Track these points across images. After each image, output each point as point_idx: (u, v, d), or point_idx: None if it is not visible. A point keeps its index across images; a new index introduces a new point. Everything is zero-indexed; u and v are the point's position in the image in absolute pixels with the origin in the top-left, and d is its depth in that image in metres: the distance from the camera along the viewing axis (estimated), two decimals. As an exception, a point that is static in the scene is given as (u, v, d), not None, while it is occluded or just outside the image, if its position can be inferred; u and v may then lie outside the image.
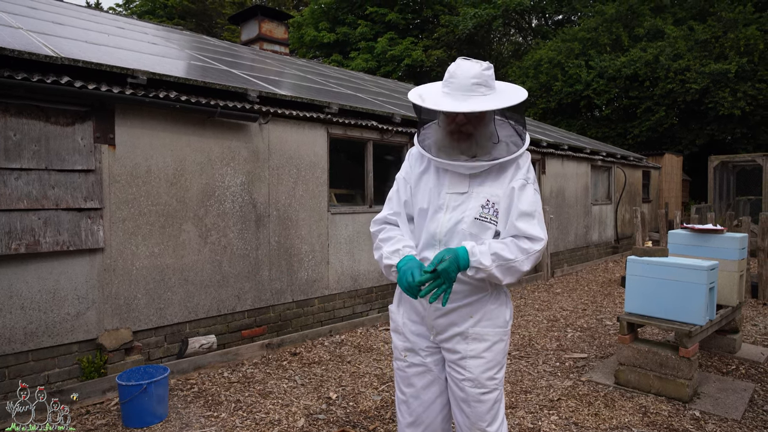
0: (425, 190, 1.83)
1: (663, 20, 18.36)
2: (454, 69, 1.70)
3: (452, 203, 1.77)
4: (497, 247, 1.67)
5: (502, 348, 1.81)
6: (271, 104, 4.68)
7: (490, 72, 1.70)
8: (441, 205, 1.78)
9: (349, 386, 3.66)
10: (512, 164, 1.76)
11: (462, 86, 1.66)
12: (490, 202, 1.74)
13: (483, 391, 1.77)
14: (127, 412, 3.02)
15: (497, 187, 1.75)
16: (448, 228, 1.75)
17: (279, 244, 4.68)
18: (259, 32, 11.43)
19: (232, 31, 24.69)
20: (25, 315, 3.25)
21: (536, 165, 8.58)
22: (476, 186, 1.76)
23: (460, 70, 1.67)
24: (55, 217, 3.33)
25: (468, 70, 1.67)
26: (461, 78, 1.66)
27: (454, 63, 1.72)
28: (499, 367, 1.81)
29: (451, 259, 1.60)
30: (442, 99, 1.69)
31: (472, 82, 1.65)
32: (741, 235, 4.25)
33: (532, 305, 6.31)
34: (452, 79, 1.68)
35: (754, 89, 15.50)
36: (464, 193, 1.76)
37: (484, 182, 1.76)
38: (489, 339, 1.77)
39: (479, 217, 1.73)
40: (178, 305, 3.99)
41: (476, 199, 1.75)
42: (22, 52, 3.23)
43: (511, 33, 28.36)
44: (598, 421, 3.11)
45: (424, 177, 1.85)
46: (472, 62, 1.69)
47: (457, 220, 1.74)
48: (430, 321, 1.81)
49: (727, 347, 4.34)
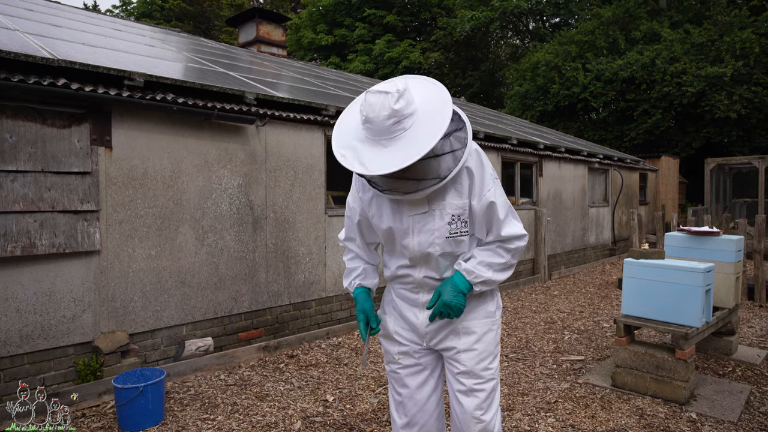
0: (383, 213, 1.78)
1: (659, 23, 18.44)
2: (366, 111, 1.53)
3: (417, 225, 1.73)
4: (486, 256, 1.74)
5: (492, 338, 1.85)
6: (268, 106, 4.68)
7: (402, 103, 1.50)
8: (406, 229, 1.74)
9: (346, 389, 3.66)
10: (463, 169, 1.68)
11: (380, 130, 1.52)
12: (455, 216, 1.70)
13: (479, 381, 1.81)
14: (123, 415, 3.00)
15: (456, 197, 1.69)
16: (422, 252, 1.75)
17: (276, 247, 4.68)
18: (256, 34, 11.43)
19: (230, 34, 24.71)
20: (20, 318, 3.23)
21: (533, 167, 8.60)
22: (436, 202, 1.70)
23: (372, 113, 1.51)
24: (51, 219, 3.32)
25: (379, 112, 1.50)
26: (376, 122, 1.51)
27: (364, 101, 1.54)
28: (492, 357, 1.85)
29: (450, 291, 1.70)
30: (365, 153, 1.55)
31: (389, 124, 1.51)
32: (737, 238, 4.26)
33: (529, 307, 6.31)
34: (369, 124, 1.53)
35: (749, 92, 15.57)
36: (426, 213, 1.71)
37: (444, 196, 1.69)
38: (477, 330, 1.82)
39: (450, 235, 1.72)
40: (174, 308, 3.97)
41: (440, 217, 1.70)
42: (18, 54, 3.22)
43: (508, 36, 28.46)
44: (595, 423, 3.12)
45: (376, 200, 1.80)
46: (381, 97, 1.50)
47: (429, 242, 1.72)
48: (422, 330, 1.85)
49: (723, 349, 4.35)
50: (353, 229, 1.93)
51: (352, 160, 1.55)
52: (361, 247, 1.97)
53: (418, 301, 1.84)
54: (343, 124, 1.68)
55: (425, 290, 1.82)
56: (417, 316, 1.84)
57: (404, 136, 1.52)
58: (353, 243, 1.98)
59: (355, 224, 1.91)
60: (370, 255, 1.99)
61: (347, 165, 1.55)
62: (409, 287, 1.85)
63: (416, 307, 1.84)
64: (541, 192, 8.65)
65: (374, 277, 1.99)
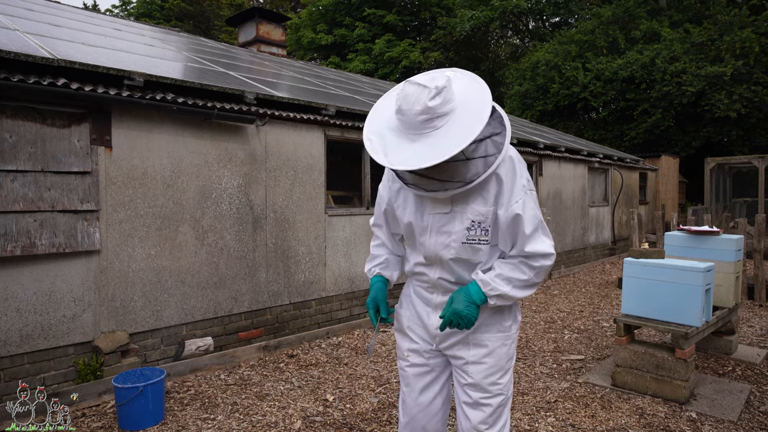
0: (407, 206, 1.77)
1: (659, 23, 18.44)
2: (400, 101, 1.49)
3: (436, 224, 1.69)
4: (507, 270, 1.65)
5: (505, 353, 1.78)
6: (268, 106, 4.68)
7: (438, 100, 1.45)
8: (425, 226, 1.72)
9: (346, 388, 3.66)
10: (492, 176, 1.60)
11: (411, 124, 1.47)
12: (475, 222, 1.64)
13: (486, 395, 1.76)
14: (123, 414, 3.01)
15: (481, 203, 1.62)
16: (436, 252, 1.71)
17: (276, 246, 4.68)
18: (256, 34, 11.43)
19: (230, 33, 24.70)
20: (20, 317, 3.23)
21: (533, 167, 8.59)
22: (459, 205, 1.65)
23: (406, 105, 1.46)
24: (51, 219, 3.32)
25: (413, 106, 1.45)
26: (408, 115, 1.46)
27: (402, 90, 1.50)
28: (503, 372, 1.78)
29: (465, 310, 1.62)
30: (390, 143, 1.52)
31: (420, 120, 1.45)
32: (737, 237, 4.27)
33: (529, 307, 6.31)
34: (400, 115, 1.49)
35: (749, 92, 15.58)
36: (447, 213, 1.67)
37: (467, 200, 1.63)
38: (489, 344, 1.76)
39: (466, 241, 1.66)
40: (174, 307, 3.98)
41: (460, 220, 1.65)
42: (18, 53, 3.22)
43: (508, 35, 28.44)
44: (595, 422, 3.12)
45: (402, 192, 1.80)
46: (418, 90, 1.46)
47: (445, 244, 1.68)
48: (432, 330, 1.82)
49: (723, 349, 4.35)
50: (381, 216, 1.92)
51: (377, 147, 1.52)
52: (387, 235, 1.95)
53: (432, 302, 1.80)
54: (379, 109, 1.63)
55: (440, 291, 1.78)
56: (429, 316, 1.82)
57: (433, 135, 1.46)
58: (381, 230, 1.96)
59: (382, 212, 1.90)
60: (395, 245, 1.97)
61: (370, 151, 1.53)
62: (425, 286, 1.83)
63: (430, 306, 1.81)
64: (541, 191, 8.65)
65: (395, 269, 1.95)
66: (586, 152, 9.91)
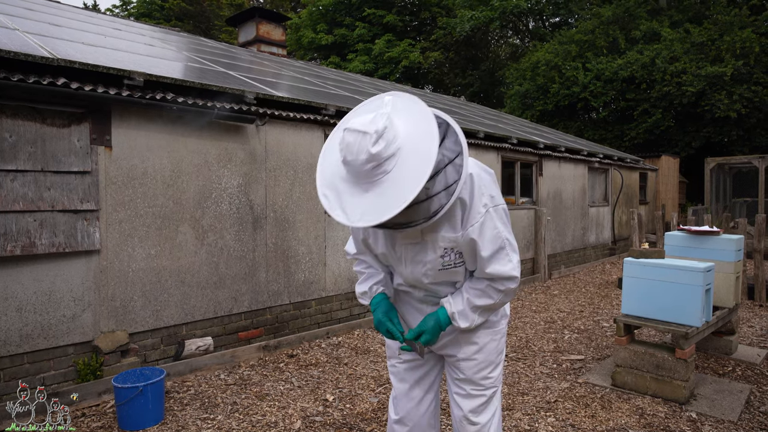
0: (378, 239, 1.73)
1: (659, 23, 18.44)
2: (344, 152, 1.38)
3: (409, 254, 1.67)
4: (474, 297, 1.68)
5: (495, 347, 1.83)
6: (268, 106, 4.68)
7: (381, 145, 1.34)
8: (399, 257, 1.70)
9: (346, 388, 3.66)
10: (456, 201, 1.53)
11: (360, 174, 1.38)
12: (447, 249, 1.61)
13: (478, 389, 1.83)
14: (123, 414, 3.00)
15: (450, 230, 1.57)
16: (415, 279, 1.72)
17: (276, 246, 4.67)
18: (256, 34, 11.44)
19: (230, 33, 24.69)
20: (20, 317, 3.23)
21: (533, 167, 8.59)
22: (429, 234, 1.60)
23: (350, 155, 1.36)
24: (51, 218, 3.31)
25: (357, 156, 1.35)
26: (354, 165, 1.37)
27: (342, 140, 1.39)
28: (493, 367, 1.84)
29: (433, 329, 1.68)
30: (346, 197, 1.43)
31: (368, 168, 1.36)
32: (737, 237, 4.26)
33: (529, 307, 6.31)
34: (347, 166, 1.40)
35: (749, 92, 15.58)
36: (418, 243, 1.63)
37: (436, 229, 1.58)
38: (479, 341, 1.81)
39: (443, 267, 1.65)
40: (174, 307, 3.97)
41: (432, 249, 1.62)
42: (18, 53, 3.22)
43: (508, 35, 28.45)
44: (595, 422, 3.11)
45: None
46: (358, 138, 1.35)
47: (421, 272, 1.68)
48: None
49: (723, 349, 4.35)
50: (360, 244, 1.85)
51: (335, 204, 1.44)
52: (373, 258, 1.88)
53: (422, 310, 1.83)
54: (327, 155, 1.53)
55: (428, 304, 1.81)
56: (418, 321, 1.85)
57: (386, 181, 1.37)
58: (364, 256, 1.89)
59: (360, 240, 1.83)
60: (383, 266, 1.90)
61: (328, 210, 1.45)
62: (413, 301, 1.85)
63: (420, 313, 1.84)
64: (541, 191, 8.65)
65: (391, 286, 1.90)
66: (586, 152, 9.91)
